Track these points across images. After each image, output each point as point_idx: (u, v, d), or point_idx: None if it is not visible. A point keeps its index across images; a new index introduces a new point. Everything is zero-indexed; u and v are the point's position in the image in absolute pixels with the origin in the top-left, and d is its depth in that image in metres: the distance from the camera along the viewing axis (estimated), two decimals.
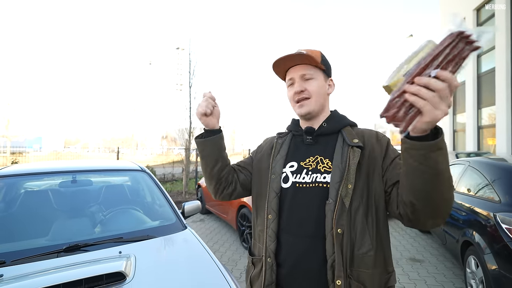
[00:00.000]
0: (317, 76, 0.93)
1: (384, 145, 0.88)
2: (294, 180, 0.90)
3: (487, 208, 2.38)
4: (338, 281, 0.77)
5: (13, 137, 24.62)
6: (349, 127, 0.94)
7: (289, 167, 0.93)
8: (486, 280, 2.17)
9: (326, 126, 0.94)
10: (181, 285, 1.29)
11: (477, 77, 10.63)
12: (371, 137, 0.89)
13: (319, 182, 0.86)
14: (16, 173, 2.01)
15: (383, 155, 0.86)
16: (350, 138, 0.89)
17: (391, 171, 0.83)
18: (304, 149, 0.94)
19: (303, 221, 0.85)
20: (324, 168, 0.87)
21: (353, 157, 0.84)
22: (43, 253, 1.42)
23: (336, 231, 0.79)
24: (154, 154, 28.63)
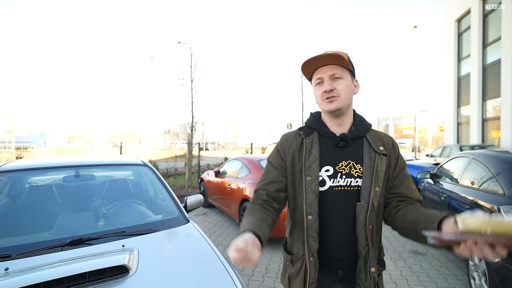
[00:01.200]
0: (345, 76, 0.98)
1: (397, 153, 1.02)
2: (332, 185, 0.96)
3: (491, 201, 2.36)
4: (373, 269, 0.93)
5: (17, 133, 24.81)
6: (371, 131, 1.04)
7: (325, 171, 0.98)
8: (489, 273, 2.17)
9: (354, 131, 1.02)
10: (183, 278, 1.30)
11: (482, 69, 10.47)
12: (389, 144, 1.02)
13: (352, 186, 0.96)
14: (19, 168, 2.03)
15: (395, 162, 1.01)
16: (375, 144, 1.00)
17: (397, 180, 1.00)
18: (336, 153, 0.99)
19: (339, 221, 0.96)
20: (357, 173, 0.97)
21: (381, 164, 0.97)
22: (48, 247, 1.44)
23: (369, 228, 0.93)
24: (157, 149, 28.78)
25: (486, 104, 10.43)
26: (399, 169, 1.00)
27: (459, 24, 12.49)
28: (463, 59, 12.19)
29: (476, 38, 10.60)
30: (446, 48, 13.28)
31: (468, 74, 11.32)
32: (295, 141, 1.04)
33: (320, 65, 0.98)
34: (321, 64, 0.97)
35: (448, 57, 13.07)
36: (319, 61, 0.96)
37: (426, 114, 57.31)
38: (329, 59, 0.95)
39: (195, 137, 8.68)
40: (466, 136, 11.74)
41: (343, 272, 0.98)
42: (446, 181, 3.66)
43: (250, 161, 4.77)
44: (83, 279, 1.16)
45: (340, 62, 0.95)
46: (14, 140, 20.38)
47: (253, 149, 14.01)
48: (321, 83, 0.99)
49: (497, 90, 9.38)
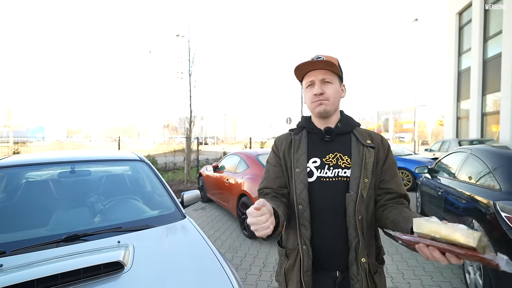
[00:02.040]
0: (335, 81, 1.04)
1: (386, 148, 1.06)
2: (319, 175, 1.01)
3: (487, 196, 2.36)
4: (363, 259, 0.95)
5: (15, 127, 24.70)
6: (357, 127, 1.10)
7: (312, 162, 1.03)
8: (484, 267, 2.18)
9: (340, 127, 1.08)
10: (178, 274, 1.30)
11: (483, 63, 10.40)
12: (377, 139, 1.07)
13: (341, 176, 1.00)
14: (15, 164, 2.02)
15: (385, 157, 1.05)
16: (363, 138, 1.05)
17: (387, 175, 1.04)
18: (323, 146, 1.06)
19: (327, 210, 0.99)
20: (344, 164, 1.01)
21: (369, 156, 1.01)
22: (43, 243, 1.44)
23: (358, 218, 0.95)
24: (155, 143, 28.74)
25: (485, 99, 10.40)
26: (389, 165, 1.04)
27: (460, 17, 12.37)
28: (463, 53, 12.11)
29: (477, 31, 10.50)
30: (447, 42, 13.18)
31: (469, 68, 11.25)
32: (285, 140, 1.13)
33: (312, 69, 1.03)
34: (312, 68, 1.03)
35: (449, 50, 12.98)
36: (311, 66, 1.02)
37: (426, 109, 57.18)
38: (321, 64, 1.01)
39: (194, 132, 8.66)
40: (465, 130, 11.74)
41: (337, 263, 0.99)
42: (443, 176, 3.67)
43: (248, 156, 4.77)
44: (77, 276, 1.16)
45: (331, 68, 1.01)
46: (12, 134, 20.31)
47: (252, 143, 13.99)
48: (311, 86, 1.05)
49: (497, 84, 9.34)
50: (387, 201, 1.02)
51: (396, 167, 1.07)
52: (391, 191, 1.03)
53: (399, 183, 1.05)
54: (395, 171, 1.05)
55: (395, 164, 1.07)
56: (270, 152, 1.17)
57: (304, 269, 0.98)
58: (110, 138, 18.92)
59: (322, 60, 0.99)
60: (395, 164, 1.07)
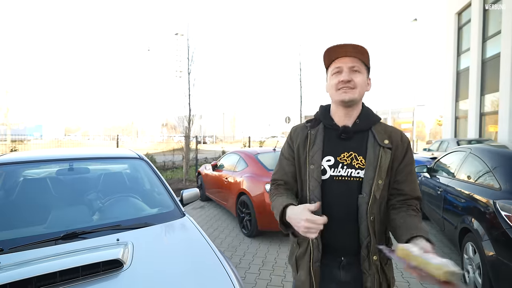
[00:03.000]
0: (363, 71, 1.01)
1: (405, 147, 1.02)
2: (332, 174, 1.01)
3: (486, 195, 2.37)
4: (375, 257, 0.98)
5: (13, 125, 24.58)
6: (378, 124, 1.05)
7: (326, 161, 1.02)
8: (483, 266, 2.19)
9: (359, 124, 1.04)
10: (178, 272, 1.29)
11: (482, 63, 10.43)
12: (397, 137, 1.02)
13: (354, 176, 0.99)
14: (12, 161, 2.00)
15: (403, 156, 1.02)
16: (380, 138, 1.01)
17: (402, 175, 1.01)
18: (339, 144, 1.03)
19: (340, 208, 0.99)
20: (358, 164, 1.00)
21: (385, 157, 0.98)
22: (41, 241, 1.42)
23: (370, 218, 0.96)
24: (154, 142, 28.68)
25: (484, 99, 10.43)
26: (405, 165, 1.01)
27: (459, 17, 12.39)
28: (462, 53, 12.13)
29: (476, 31, 10.52)
30: (446, 42, 13.20)
31: (467, 68, 11.27)
32: (301, 133, 1.11)
33: (341, 55, 0.99)
34: (343, 54, 0.99)
35: (448, 50, 13.00)
36: (342, 50, 0.98)
37: (425, 108, 57.20)
38: (352, 51, 0.97)
39: (192, 130, 8.63)
40: (464, 130, 11.77)
41: (346, 260, 1.02)
42: (442, 175, 3.67)
43: (247, 155, 4.76)
44: (76, 273, 1.15)
45: (362, 56, 0.98)
46: (9, 132, 20.21)
47: (251, 142, 13.98)
48: (339, 73, 1.00)
49: (496, 84, 9.37)
50: (397, 202, 1.01)
51: (412, 167, 1.03)
52: (403, 193, 1.01)
53: (413, 184, 1.02)
54: (410, 171, 1.02)
55: (412, 163, 1.03)
56: (285, 143, 1.17)
57: (314, 259, 1.02)
58: (109, 137, 18.85)
59: (355, 46, 0.97)
60: (412, 164, 1.03)
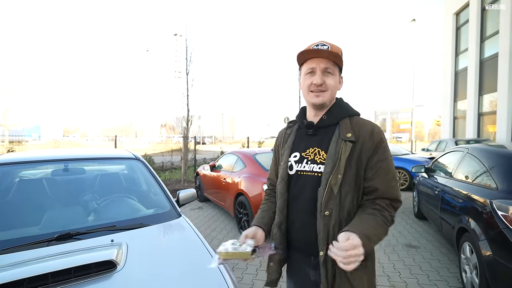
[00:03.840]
0: (335, 72, 1.02)
1: (376, 142, 0.97)
2: (297, 169, 1.04)
3: (483, 195, 2.36)
4: (321, 252, 0.95)
5: (11, 126, 24.51)
6: (347, 119, 1.03)
7: (293, 157, 1.07)
8: (480, 266, 2.18)
9: (325, 119, 1.04)
10: (172, 273, 1.28)
11: (480, 63, 10.46)
12: (366, 132, 0.98)
13: (315, 171, 1.00)
14: (7, 162, 1.98)
15: (372, 152, 0.97)
16: (344, 132, 0.99)
17: (371, 172, 0.96)
18: (307, 140, 1.07)
19: (302, 202, 1.02)
20: (320, 159, 1.00)
21: (344, 150, 0.95)
22: (35, 242, 1.41)
23: (324, 213, 0.94)
24: (153, 143, 28.64)
25: (482, 99, 10.45)
26: (376, 161, 0.96)
27: (457, 17, 12.43)
28: (460, 53, 12.16)
29: (474, 32, 10.55)
30: (444, 42, 13.23)
31: (466, 68, 11.30)
32: (281, 134, 1.20)
33: (316, 56, 1.00)
34: (316, 55, 1.00)
35: (446, 51, 13.03)
36: (315, 53, 1.00)
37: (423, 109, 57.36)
38: (326, 53, 0.98)
39: (191, 131, 8.62)
40: (462, 130, 11.80)
41: (316, 260, 0.99)
42: (440, 175, 3.67)
43: (245, 155, 4.75)
44: (68, 275, 1.14)
45: (334, 58, 0.99)
46: (7, 133, 20.14)
47: (250, 143, 13.97)
48: (312, 73, 1.01)
49: (494, 84, 9.39)
50: (365, 201, 0.97)
51: (386, 164, 0.96)
52: (373, 190, 0.96)
53: (387, 182, 0.95)
54: (383, 169, 0.95)
55: (385, 160, 0.96)
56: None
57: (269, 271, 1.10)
58: (107, 138, 18.82)
59: (327, 50, 0.97)
60: (386, 161, 0.96)
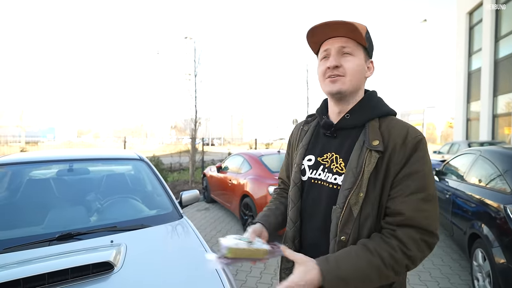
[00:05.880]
0: (358, 53, 0.80)
1: (408, 152, 0.73)
2: (310, 176, 0.87)
3: (497, 200, 2.26)
4: None
5: (27, 127, 25.27)
6: (376, 120, 0.80)
7: (307, 160, 0.90)
8: (493, 274, 2.08)
9: (348, 118, 0.83)
10: (168, 276, 1.26)
11: (494, 63, 10.15)
12: (397, 138, 0.75)
13: (331, 183, 0.81)
14: (13, 162, 2.02)
15: (401, 164, 0.73)
16: (371, 138, 0.76)
17: (396, 190, 0.73)
18: (325, 143, 0.88)
19: (314, 217, 0.84)
20: (337, 169, 0.81)
21: (368, 162, 0.74)
22: (36, 241, 1.42)
23: (340, 238, 0.75)
24: (163, 144, 29.01)
25: (497, 100, 10.13)
26: (404, 175, 0.72)
27: (470, 17, 12.12)
28: (474, 53, 11.84)
29: (488, 31, 10.26)
30: (457, 42, 12.92)
31: (479, 68, 10.99)
32: (297, 129, 1.02)
33: (330, 36, 0.81)
34: (330, 34, 0.80)
35: (459, 51, 12.72)
36: (329, 30, 0.79)
37: (435, 110, 56.17)
38: (341, 29, 0.78)
39: (200, 133, 8.66)
40: (475, 132, 11.46)
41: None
42: (451, 178, 3.55)
43: (251, 157, 4.72)
44: (65, 276, 1.13)
45: (353, 35, 0.78)
46: (24, 134, 20.77)
47: (258, 145, 13.93)
48: (327, 57, 0.82)
49: (509, 85, 9.09)
50: (384, 224, 0.74)
51: (420, 182, 0.71)
52: (393, 212, 0.72)
53: (415, 205, 0.70)
54: (413, 186, 0.71)
55: (418, 176, 0.71)
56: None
57: (282, 266, 0.93)
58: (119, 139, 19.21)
59: (343, 22, 0.75)
60: (420, 177, 0.71)
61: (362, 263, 0.67)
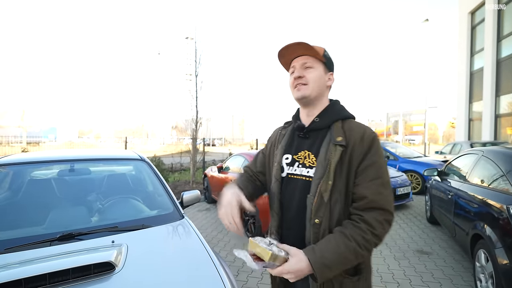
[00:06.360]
0: (317, 66, 1.00)
1: (366, 146, 0.91)
2: (288, 172, 1.02)
3: (500, 200, 2.25)
4: None
5: (28, 127, 25.36)
6: (340, 122, 0.98)
7: (285, 159, 1.04)
8: (496, 275, 2.07)
9: (317, 122, 1.01)
10: (169, 276, 1.26)
11: (497, 63, 10.10)
12: (357, 136, 0.92)
13: (304, 175, 0.97)
14: (13, 162, 2.02)
15: (361, 157, 0.90)
16: (335, 135, 0.94)
17: (358, 176, 0.90)
18: (299, 143, 1.04)
19: (293, 208, 0.98)
20: (309, 163, 0.97)
21: (334, 155, 0.90)
22: (37, 242, 1.42)
23: (314, 221, 0.90)
24: (164, 144, 29.05)
25: (499, 100, 10.09)
26: (366, 166, 0.89)
27: (472, 16, 12.07)
28: (476, 53, 11.80)
29: (490, 31, 10.22)
30: (459, 42, 12.87)
31: (481, 68, 10.94)
32: (275, 133, 1.18)
33: (295, 56, 1.01)
34: (295, 55, 1.01)
35: (461, 51, 12.67)
36: (292, 51, 1.00)
37: (437, 110, 56.00)
38: (299, 49, 0.98)
39: (201, 133, 8.66)
40: (478, 133, 11.41)
41: None
42: (454, 178, 3.54)
43: (252, 157, 4.72)
44: (66, 276, 1.13)
45: (311, 52, 0.97)
46: (25, 134, 20.83)
47: (259, 145, 13.94)
48: (293, 72, 1.02)
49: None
50: (353, 210, 0.89)
51: (377, 170, 0.88)
52: (358, 196, 0.88)
53: (375, 189, 0.86)
54: (371, 174, 0.88)
55: (375, 166, 0.88)
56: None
57: None
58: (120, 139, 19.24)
59: (300, 43, 0.94)
60: (376, 167, 0.88)
61: (341, 249, 0.82)
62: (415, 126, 57.09)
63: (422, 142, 19.64)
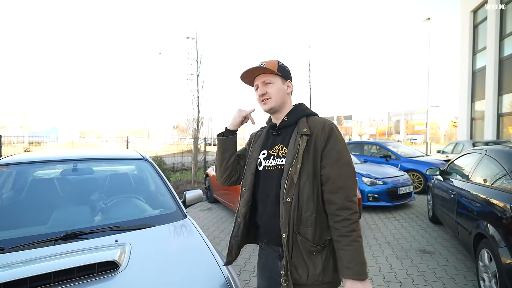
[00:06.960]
0: (275, 80, 1.18)
1: (327, 134, 1.09)
2: (265, 164, 1.19)
3: (503, 200, 2.24)
4: (284, 235, 1.05)
5: (30, 128, 25.44)
6: (304, 118, 1.17)
7: (262, 154, 1.22)
8: (500, 275, 2.06)
9: (286, 120, 1.20)
10: (173, 275, 1.26)
11: (499, 61, 10.05)
12: (318, 127, 1.11)
13: (279, 164, 1.14)
14: (16, 162, 2.03)
15: (324, 144, 1.09)
16: (301, 127, 1.13)
17: (324, 160, 1.08)
18: (273, 140, 1.23)
19: (268, 193, 1.16)
20: (282, 153, 1.15)
21: (301, 143, 1.08)
22: (41, 241, 1.42)
23: (286, 200, 1.06)
24: (165, 144, 29.09)
25: (502, 99, 10.04)
26: (327, 150, 1.08)
27: (474, 15, 12.02)
28: (478, 51, 11.74)
29: (492, 29, 10.17)
30: (461, 41, 12.81)
31: (484, 67, 10.90)
32: (253, 136, 1.36)
33: (255, 75, 1.20)
34: (255, 75, 1.20)
35: (463, 50, 12.62)
36: (252, 74, 1.19)
37: (439, 110, 55.77)
38: (257, 70, 1.17)
39: (202, 133, 8.66)
40: (480, 132, 11.37)
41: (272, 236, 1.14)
42: (456, 178, 3.53)
43: None
44: (71, 275, 1.14)
45: (266, 71, 1.16)
46: (27, 134, 20.90)
47: None
48: (258, 89, 1.21)
49: None
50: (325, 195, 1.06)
51: (338, 153, 1.07)
52: (325, 178, 1.06)
53: (338, 170, 1.05)
54: (334, 157, 1.06)
55: (335, 149, 1.07)
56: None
57: (233, 234, 1.23)
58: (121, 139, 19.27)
59: (257, 67, 1.14)
60: (337, 150, 1.07)
61: (354, 245, 0.99)
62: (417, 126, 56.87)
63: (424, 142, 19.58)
